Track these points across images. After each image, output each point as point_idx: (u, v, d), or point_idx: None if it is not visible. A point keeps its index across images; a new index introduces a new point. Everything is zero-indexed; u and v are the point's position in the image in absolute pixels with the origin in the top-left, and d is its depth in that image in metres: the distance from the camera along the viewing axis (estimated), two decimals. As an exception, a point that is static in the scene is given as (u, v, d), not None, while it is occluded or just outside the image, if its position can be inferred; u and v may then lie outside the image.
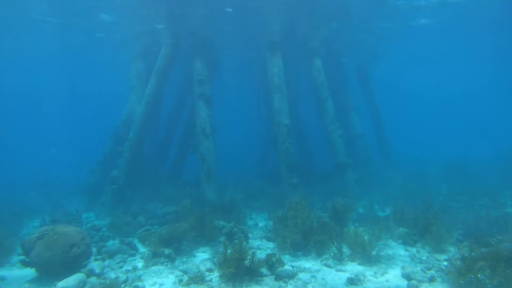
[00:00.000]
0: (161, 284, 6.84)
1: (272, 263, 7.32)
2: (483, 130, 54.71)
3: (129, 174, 14.41)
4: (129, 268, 7.73)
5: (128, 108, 16.71)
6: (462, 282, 5.83)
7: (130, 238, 9.58)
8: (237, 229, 9.75)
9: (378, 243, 8.06)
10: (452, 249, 7.99)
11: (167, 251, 8.17)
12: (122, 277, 7.05)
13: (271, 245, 9.53)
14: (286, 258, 8.21)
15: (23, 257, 6.75)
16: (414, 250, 8.46)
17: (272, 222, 10.48)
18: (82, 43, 21.25)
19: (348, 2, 16.25)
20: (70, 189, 18.39)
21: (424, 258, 7.85)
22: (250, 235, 10.31)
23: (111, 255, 8.45)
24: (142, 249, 9.14)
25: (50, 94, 42.52)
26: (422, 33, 21.72)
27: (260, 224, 11.90)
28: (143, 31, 17.88)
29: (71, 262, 6.82)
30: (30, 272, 7.08)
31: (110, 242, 9.88)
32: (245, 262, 6.82)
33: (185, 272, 7.34)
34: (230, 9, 15.78)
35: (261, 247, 9.32)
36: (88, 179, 16.28)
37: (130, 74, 17.21)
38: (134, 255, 8.76)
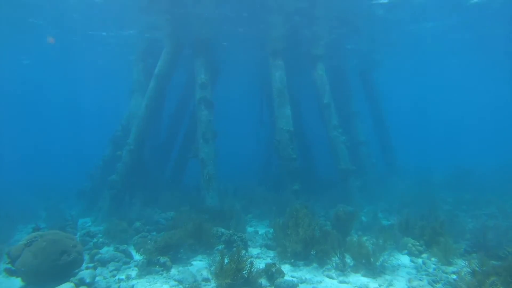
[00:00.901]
0: (154, 295, 6.53)
1: (271, 273, 6.98)
2: (488, 138, 54.14)
3: (128, 179, 14.13)
4: (122, 277, 7.40)
5: (129, 112, 16.49)
6: (473, 298, 5.47)
7: (125, 245, 9.26)
8: (236, 236, 9.44)
9: (382, 253, 7.70)
10: (460, 261, 7.63)
11: (162, 259, 7.84)
12: (114, 286, 6.75)
13: (271, 253, 9.19)
14: (286, 267, 7.87)
15: (9, 265, 6.45)
16: (420, 261, 8.09)
17: (272, 229, 10.16)
18: (83, 45, 21.18)
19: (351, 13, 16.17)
20: (69, 193, 18.13)
21: (430, 270, 7.46)
22: (249, 243, 9.98)
23: (104, 263, 8.13)
24: (137, 256, 8.78)
25: (50, 97, 42.62)
26: (427, 41, 21.55)
27: (260, 232, 11.55)
28: (145, 34, 17.78)
29: (60, 271, 6.51)
30: (16, 281, 6.76)
31: (104, 249, 9.57)
32: (243, 272, 6.50)
33: (180, 282, 7.02)
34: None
35: (260, 256, 8.98)
36: (86, 184, 16.02)
37: (130, 78, 17.04)
38: (128, 263, 8.42)
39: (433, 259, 8.04)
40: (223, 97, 24.40)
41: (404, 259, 8.35)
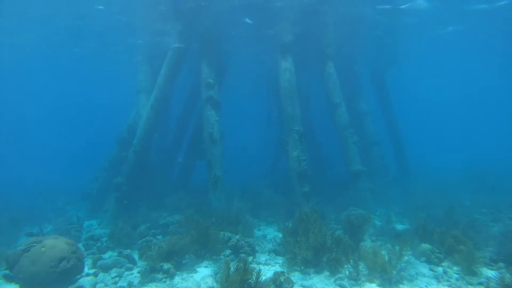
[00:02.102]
0: (156, 305, 6.18)
1: (280, 283, 6.56)
2: (504, 137, 52.51)
3: (134, 181, 13.87)
4: (124, 284, 7.08)
5: (135, 113, 16.28)
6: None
7: (129, 250, 8.94)
8: (243, 242, 9.04)
9: (399, 261, 7.19)
10: (485, 270, 7.05)
11: (166, 266, 7.50)
12: (115, 295, 6.41)
13: (280, 260, 8.75)
14: (296, 275, 7.44)
15: (7, 271, 6.18)
16: (440, 270, 7.54)
17: (281, 234, 9.75)
18: (87, 47, 21.18)
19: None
20: (77, 194, 18.01)
21: (453, 280, 6.92)
22: (257, 248, 9.56)
23: (107, 269, 7.83)
24: (141, 262, 8.49)
25: (56, 98, 42.98)
26: (441, 40, 20.91)
27: (269, 236, 11.12)
28: (151, 34, 17.57)
29: (59, 278, 6.22)
30: (14, 288, 6.52)
31: (108, 254, 9.30)
32: (250, 281, 6.09)
33: (183, 290, 6.65)
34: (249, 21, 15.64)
35: (268, 262, 8.55)
36: (92, 185, 15.86)
37: (137, 78, 16.82)
38: (131, 269, 8.12)
39: (455, 268, 7.48)
40: (230, 97, 24.09)
41: (423, 267, 7.81)
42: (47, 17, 16.67)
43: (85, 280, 6.71)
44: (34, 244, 6.32)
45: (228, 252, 8.81)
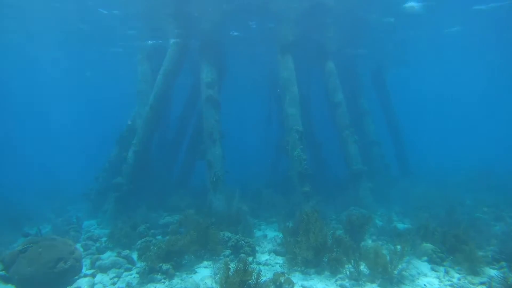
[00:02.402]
0: (154, 306, 6.11)
1: (280, 284, 6.49)
2: (505, 136, 52.37)
3: (134, 181, 13.81)
4: (122, 285, 7.01)
5: (135, 113, 16.19)
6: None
7: (127, 250, 8.88)
8: (243, 242, 8.98)
9: (400, 261, 7.11)
10: (487, 270, 6.97)
11: (165, 266, 7.43)
12: (113, 296, 6.35)
13: (280, 260, 8.68)
14: (296, 276, 7.37)
15: (3, 272, 6.12)
16: (442, 270, 7.46)
17: (281, 234, 9.68)
18: (88, 47, 21.15)
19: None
20: (77, 194, 17.95)
21: (455, 280, 6.84)
22: (257, 248, 9.50)
23: (105, 270, 7.77)
24: (140, 262, 8.41)
25: (56, 98, 42.95)
26: (443, 40, 20.84)
27: (270, 236, 11.05)
28: (151, 34, 17.51)
29: (56, 279, 6.16)
30: (11, 289, 6.45)
31: (107, 254, 9.23)
32: (249, 282, 6.02)
33: (182, 291, 6.59)
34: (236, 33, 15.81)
35: (269, 263, 8.48)
36: (92, 185, 15.80)
37: (136, 78, 16.76)
38: (130, 269, 8.05)
39: (456, 267, 7.40)
40: (230, 97, 24.02)
41: (424, 267, 7.73)
42: (48, 19, 16.64)
43: (83, 281, 6.64)
44: (31, 244, 6.26)
45: (228, 252, 8.75)
